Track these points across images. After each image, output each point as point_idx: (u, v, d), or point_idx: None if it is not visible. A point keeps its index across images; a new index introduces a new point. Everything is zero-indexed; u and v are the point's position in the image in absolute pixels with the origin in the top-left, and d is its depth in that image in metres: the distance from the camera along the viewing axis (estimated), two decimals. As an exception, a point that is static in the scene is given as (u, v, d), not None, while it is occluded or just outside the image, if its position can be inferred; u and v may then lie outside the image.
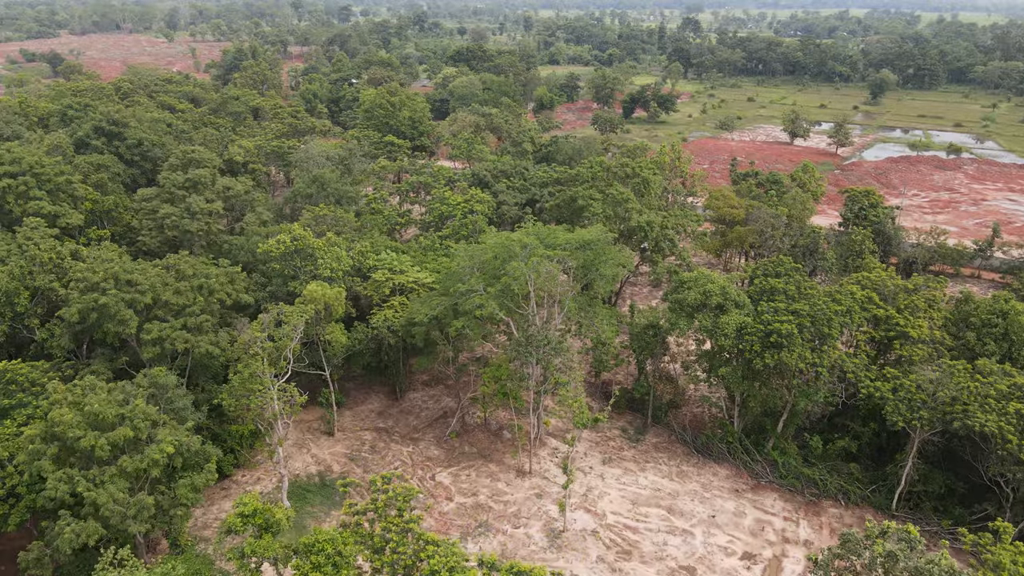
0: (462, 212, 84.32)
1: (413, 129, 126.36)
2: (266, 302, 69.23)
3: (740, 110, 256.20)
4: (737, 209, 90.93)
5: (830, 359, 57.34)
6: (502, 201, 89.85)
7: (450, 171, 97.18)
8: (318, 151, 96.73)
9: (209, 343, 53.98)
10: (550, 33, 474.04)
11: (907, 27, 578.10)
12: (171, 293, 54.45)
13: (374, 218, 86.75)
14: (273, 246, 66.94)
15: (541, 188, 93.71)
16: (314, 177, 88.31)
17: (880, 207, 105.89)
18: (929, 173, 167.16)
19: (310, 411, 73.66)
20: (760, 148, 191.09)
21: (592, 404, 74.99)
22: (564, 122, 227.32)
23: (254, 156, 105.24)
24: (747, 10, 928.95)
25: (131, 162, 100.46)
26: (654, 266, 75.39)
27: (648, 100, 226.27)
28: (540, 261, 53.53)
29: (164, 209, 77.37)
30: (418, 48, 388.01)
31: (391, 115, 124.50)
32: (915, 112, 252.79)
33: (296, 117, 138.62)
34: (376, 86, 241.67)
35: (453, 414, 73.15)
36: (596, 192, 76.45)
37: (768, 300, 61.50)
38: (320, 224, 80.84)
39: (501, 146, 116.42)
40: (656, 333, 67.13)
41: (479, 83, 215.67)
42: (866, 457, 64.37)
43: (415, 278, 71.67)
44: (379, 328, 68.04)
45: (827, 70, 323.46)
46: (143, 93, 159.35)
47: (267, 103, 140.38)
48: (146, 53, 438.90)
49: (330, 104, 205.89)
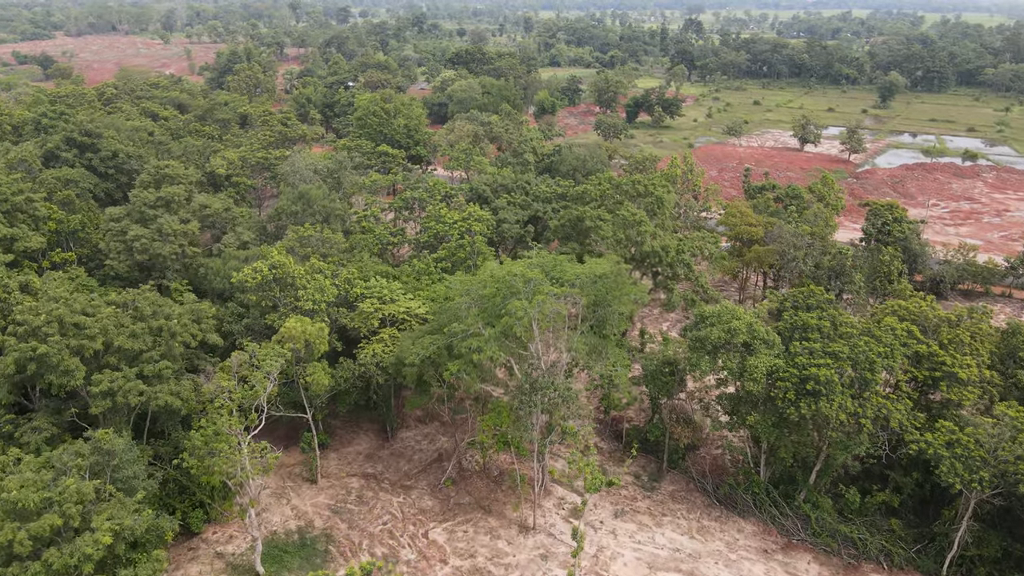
0: (459, 232, 77.78)
1: (408, 138, 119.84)
2: (242, 336, 62.75)
3: (746, 114, 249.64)
4: (755, 227, 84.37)
5: (874, 408, 50.74)
6: (502, 219, 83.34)
7: (446, 185, 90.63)
8: (305, 163, 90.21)
9: (169, 394, 47.45)
10: (551, 34, 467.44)
11: (912, 28, 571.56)
12: (125, 337, 47.90)
13: (364, 238, 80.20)
14: (249, 275, 60.37)
15: (544, 204, 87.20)
16: (300, 193, 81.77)
17: (905, 222, 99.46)
18: (947, 181, 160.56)
19: (292, 453, 67.10)
20: (769, 155, 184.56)
21: (602, 445, 68.54)
22: (566, 127, 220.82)
23: (238, 168, 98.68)
24: (748, 11, 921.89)
25: (105, 175, 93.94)
26: (668, 293, 68.88)
27: (652, 104, 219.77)
28: (545, 300, 47.02)
29: (134, 230, 70.84)
30: (416, 50, 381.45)
31: (385, 123, 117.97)
32: (926, 116, 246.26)
33: (286, 124, 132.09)
34: (373, 89, 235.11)
35: (449, 457, 66.59)
36: (605, 212, 69.91)
37: (801, 338, 54.92)
38: (305, 246, 74.30)
39: (501, 156, 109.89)
40: (673, 371, 60.58)
41: (478, 87, 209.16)
42: (908, 511, 57.85)
43: (407, 308, 65.12)
44: (367, 365, 61.53)
45: (833, 72, 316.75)
46: (128, 98, 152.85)
47: (256, 109, 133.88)
48: (141, 55, 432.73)
49: (324, 109, 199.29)
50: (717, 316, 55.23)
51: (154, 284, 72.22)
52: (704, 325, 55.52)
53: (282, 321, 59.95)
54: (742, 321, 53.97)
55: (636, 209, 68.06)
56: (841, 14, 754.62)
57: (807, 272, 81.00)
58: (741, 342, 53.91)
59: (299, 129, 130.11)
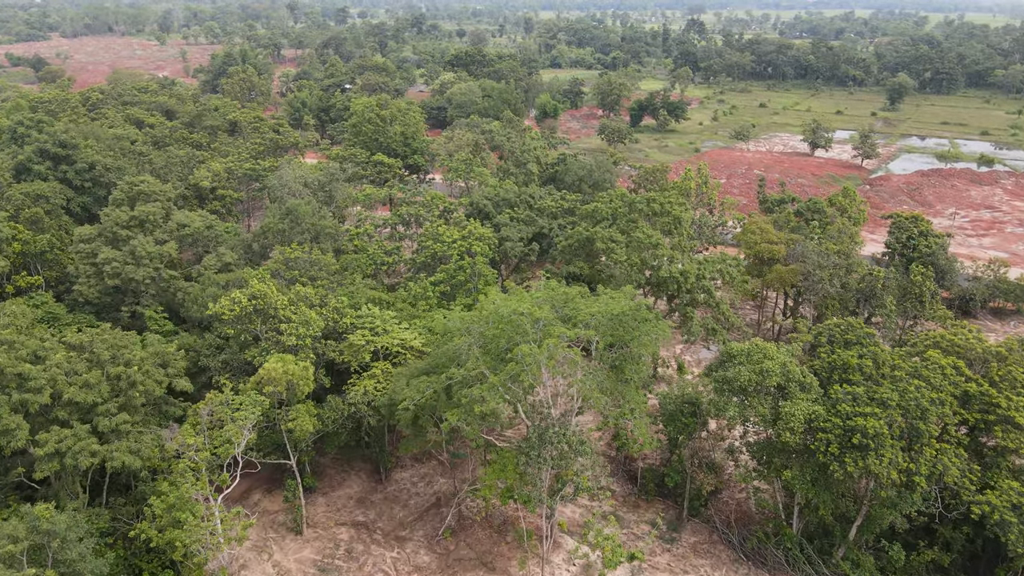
0: (458, 252, 71.97)
1: (405, 146, 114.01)
2: (219, 372, 56.95)
3: (753, 117, 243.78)
4: (777, 244, 78.56)
5: (928, 463, 44.93)
6: (505, 237, 77.52)
7: (444, 199, 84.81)
8: (294, 176, 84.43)
9: (127, 452, 41.69)
10: (551, 35, 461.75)
11: (916, 28, 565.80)
12: (78, 388, 42.18)
13: (357, 258, 74.39)
14: (226, 307, 54.58)
15: (550, 220, 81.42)
16: (287, 210, 75.96)
17: (931, 236, 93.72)
18: (965, 188, 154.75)
19: (275, 498, 61.33)
20: (779, 160, 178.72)
21: (614, 488, 62.75)
22: (568, 131, 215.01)
23: (224, 180, 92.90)
24: (750, 11, 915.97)
25: (81, 188, 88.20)
26: (687, 321, 63.11)
27: (657, 107, 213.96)
28: (557, 345, 41.30)
29: (104, 253, 65.03)
30: (415, 51, 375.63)
31: (380, 131, 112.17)
32: (937, 119, 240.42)
33: (278, 132, 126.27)
34: (370, 92, 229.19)
35: (448, 502, 60.78)
36: (617, 233, 64.18)
37: (841, 379, 49.10)
38: (291, 268, 68.52)
39: (503, 165, 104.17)
40: (695, 411, 54.79)
41: (478, 90, 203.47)
42: (958, 568, 52.09)
43: (401, 340, 59.33)
44: (357, 405, 55.78)
45: (840, 74, 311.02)
46: (115, 103, 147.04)
47: (246, 116, 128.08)
48: (136, 56, 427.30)
49: (320, 113, 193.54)
50: (746, 355, 49.44)
51: (128, 310, 66.79)
52: (732, 364, 49.72)
53: (263, 358, 54.19)
54: (775, 361, 48.19)
55: (652, 231, 62.35)
56: (844, 14, 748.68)
57: (833, 294, 75.20)
58: (774, 384, 48.14)
59: (291, 136, 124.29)
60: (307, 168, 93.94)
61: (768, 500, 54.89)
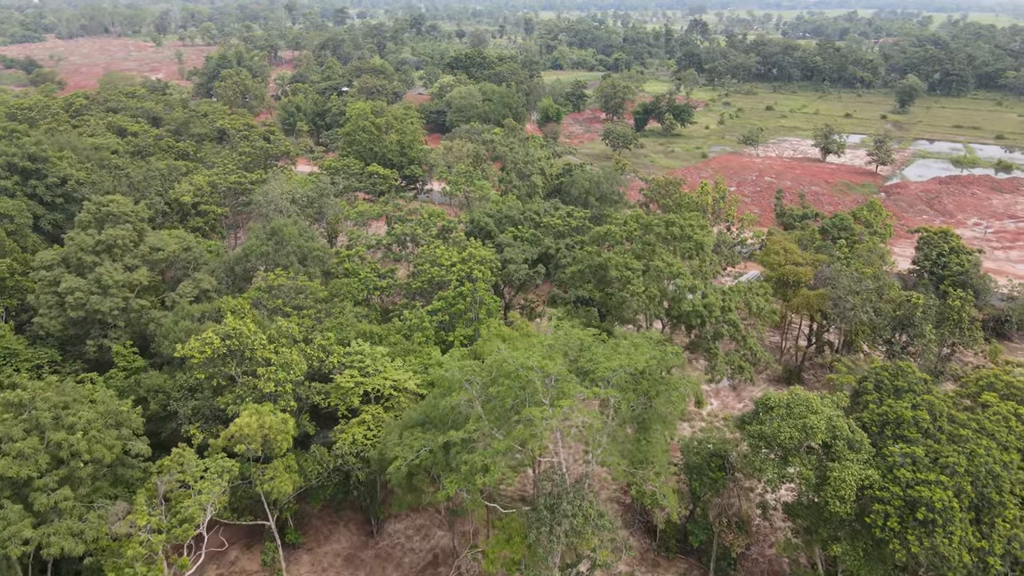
0: (458, 277, 65.85)
1: (402, 156, 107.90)
2: (188, 421, 50.86)
3: (760, 120, 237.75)
4: (802, 266, 72.43)
5: (1002, 540, 38.81)
6: (508, 259, 71.40)
7: (443, 215, 78.71)
8: (281, 192, 78.34)
9: (68, 535, 35.65)
10: (552, 36, 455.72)
11: (920, 29, 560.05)
12: (10, 460, 36.10)
13: (347, 283, 68.26)
14: (195, 349, 48.48)
15: (557, 240, 75.31)
16: (271, 230, 69.83)
17: (963, 253, 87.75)
18: (985, 197, 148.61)
19: (253, 554, 55.25)
20: (790, 166, 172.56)
21: (630, 542, 56.56)
22: (571, 134, 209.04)
23: (207, 195, 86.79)
24: (752, 11, 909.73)
25: (53, 205, 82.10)
26: (711, 358, 57.01)
27: (663, 111, 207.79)
28: (572, 408, 35.28)
29: (67, 281, 58.93)
30: (414, 52, 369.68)
31: (375, 140, 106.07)
32: (949, 122, 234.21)
33: (268, 140, 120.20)
34: (368, 95, 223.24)
35: (446, 560, 54.74)
36: (633, 259, 58.03)
37: (894, 435, 42.98)
38: (274, 297, 62.43)
39: (504, 176, 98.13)
40: (723, 465, 48.69)
41: (479, 94, 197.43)
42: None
43: (394, 381, 53.27)
44: (344, 456, 49.73)
45: (847, 75, 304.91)
46: (99, 110, 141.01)
47: (235, 123, 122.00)
48: (131, 58, 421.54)
49: (315, 118, 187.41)
50: (786, 408, 43.29)
51: (94, 344, 60.73)
52: (770, 418, 43.58)
53: (237, 406, 48.07)
54: (820, 416, 42.06)
55: (672, 259, 56.24)
56: (847, 14, 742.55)
57: (865, 321, 69.07)
58: (819, 443, 42.03)
59: (283, 144, 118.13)
60: (297, 181, 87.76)
61: (806, 568, 48.75)
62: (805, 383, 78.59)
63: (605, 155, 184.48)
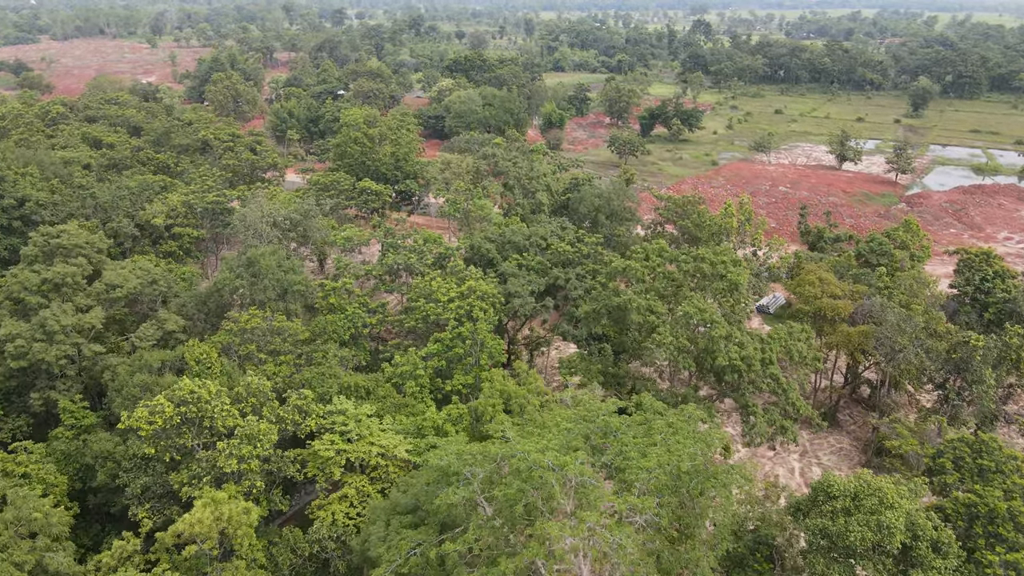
0: (456, 315, 58.26)
1: (396, 169, 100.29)
2: (137, 502, 43.24)
3: (769, 124, 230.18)
4: (841, 299, 64.80)
5: None
6: (513, 292, 63.79)
7: (439, 240, 71.04)
8: (261, 214, 70.73)
9: None
10: (553, 37, 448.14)
11: (926, 29, 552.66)
12: None
13: (332, 321, 60.62)
14: (143, 419, 40.85)
15: (566, 269, 67.67)
16: (248, 261, 62.19)
17: (1008, 277, 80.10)
18: (1014, 208, 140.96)
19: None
20: (804, 175, 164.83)
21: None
22: (575, 140, 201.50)
23: (182, 216, 79.16)
24: (754, 11, 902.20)
25: (10, 228, 74.47)
26: (748, 415, 49.28)
27: (670, 116, 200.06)
28: (600, 527, 27.68)
29: (7, 326, 51.33)
30: (413, 54, 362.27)
31: (368, 152, 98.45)
32: (965, 126, 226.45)
33: (255, 151, 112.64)
34: (364, 99, 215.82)
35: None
36: (656, 300, 50.23)
37: (987, 535, 35.38)
38: (247, 341, 54.84)
39: (507, 193, 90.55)
40: (771, 555, 41.05)
41: (479, 98, 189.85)
42: None
43: (382, 447, 45.68)
44: (322, 541, 42.15)
45: (856, 77, 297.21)
46: (78, 118, 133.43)
47: (220, 132, 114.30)
48: (125, 60, 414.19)
49: (309, 124, 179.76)
50: (852, 499, 35.66)
51: (40, 397, 53.11)
52: (834, 512, 35.91)
53: (193, 488, 40.46)
54: (897, 512, 34.42)
55: (704, 303, 48.51)
56: (851, 14, 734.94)
57: (915, 363, 61.42)
58: (896, 545, 34.43)
59: (270, 156, 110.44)
60: (281, 200, 79.99)
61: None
62: (841, 425, 71.06)
63: (611, 162, 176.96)
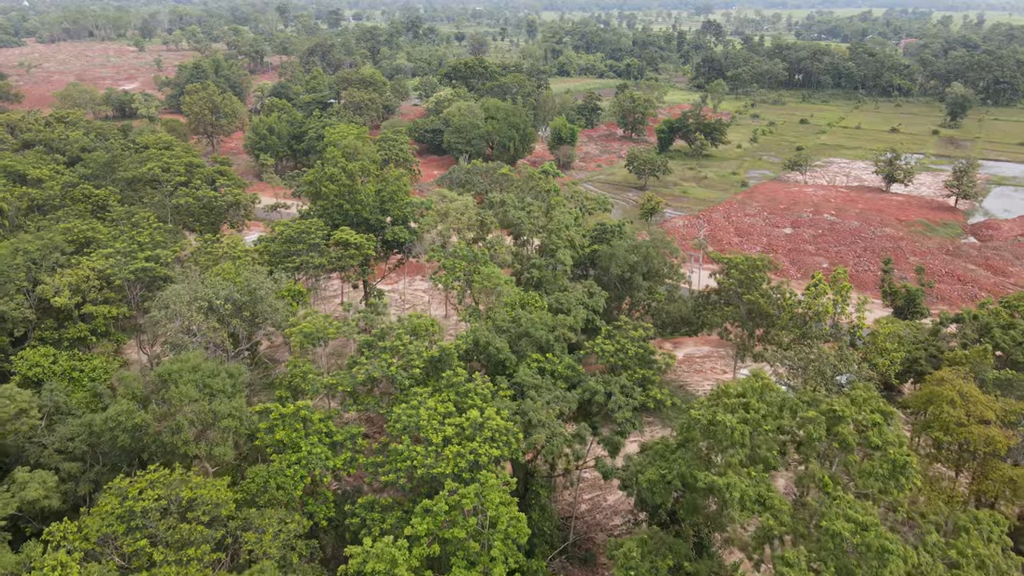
0: (454, 468, 39.72)
1: (382, 212, 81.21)
2: None
3: (796, 136, 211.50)
4: (994, 428, 46.10)
5: None
6: (534, 420, 45.13)
7: (434, 327, 52.32)
8: (191, 297, 51.88)
9: None
10: (557, 39, 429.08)
11: (943, 29, 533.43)
12: None
13: (278, 472, 41.85)
14: None
15: (605, 379, 49.04)
16: (159, 379, 43.55)
17: None
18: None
19: None
20: (849, 199, 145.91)
21: None
22: (586, 156, 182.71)
23: (95, 291, 60.40)
24: (759, 10, 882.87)
25: None
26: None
27: (691, 129, 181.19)
28: None
29: None
30: (410, 58, 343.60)
31: (347, 193, 79.32)
32: (1011, 138, 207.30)
33: (214, 185, 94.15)
34: (355, 111, 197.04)
35: None
36: (767, 490, 31.39)
37: None
38: (132, 531, 36.11)
39: (520, 252, 71.81)
40: None
41: (480, 111, 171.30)
42: None
43: None
44: None
45: (883, 83, 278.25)
46: (14, 142, 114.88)
47: (175, 162, 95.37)
48: (109, 64, 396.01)
49: (292, 141, 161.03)
50: None
51: None
52: None
53: None
54: None
55: (855, 501, 29.71)
56: (861, 13, 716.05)
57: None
58: None
59: (231, 193, 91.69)
60: (223, 275, 60.78)
61: None
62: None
63: (628, 183, 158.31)
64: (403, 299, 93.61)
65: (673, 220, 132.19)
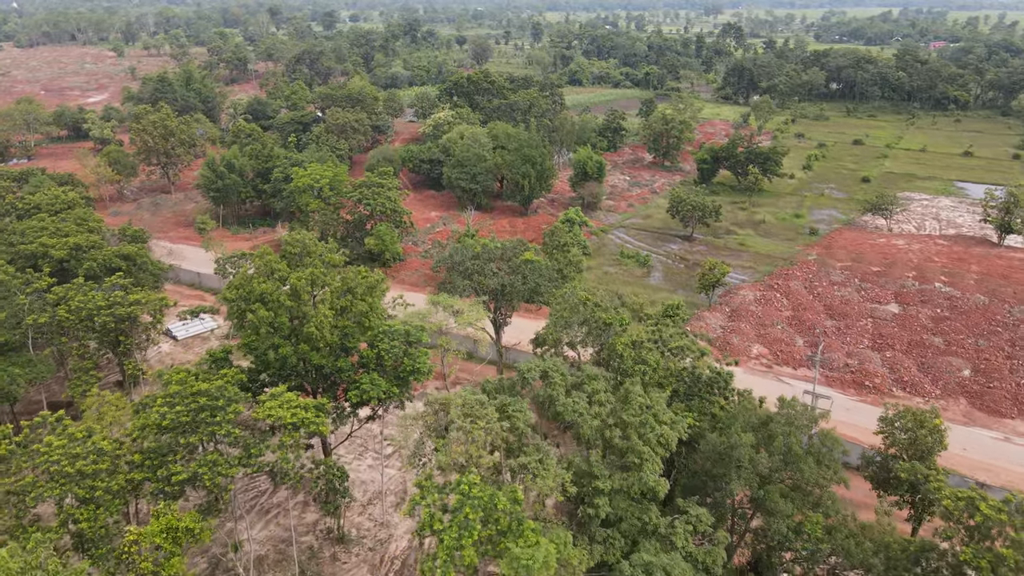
0: None
1: (344, 351, 51.18)
2: None
3: (854, 161, 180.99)
4: None
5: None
6: None
7: None
8: None
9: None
10: (566, 44, 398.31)
11: (970, 31, 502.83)
12: None
13: None
14: None
15: None
16: None
17: None
18: None
19: None
20: (955, 256, 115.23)
21: None
22: (613, 189, 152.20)
23: None
24: (770, 10, 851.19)
25: None
26: None
27: (740, 160, 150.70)
28: None
29: None
30: (407, 65, 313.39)
31: (287, 328, 49.02)
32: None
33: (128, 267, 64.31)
34: (339, 135, 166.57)
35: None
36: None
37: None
38: None
39: (571, 463, 42.15)
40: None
41: (487, 138, 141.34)
42: None
43: None
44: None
45: (936, 94, 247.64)
46: None
47: (55, 243, 65.24)
48: (82, 72, 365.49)
49: (257, 180, 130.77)
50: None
51: None
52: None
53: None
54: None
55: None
56: (881, 14, 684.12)
57: None
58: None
59: (128, 301, 61.44)
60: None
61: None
62: None
63: (669, 229, 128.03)
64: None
65: (739, 291, 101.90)
